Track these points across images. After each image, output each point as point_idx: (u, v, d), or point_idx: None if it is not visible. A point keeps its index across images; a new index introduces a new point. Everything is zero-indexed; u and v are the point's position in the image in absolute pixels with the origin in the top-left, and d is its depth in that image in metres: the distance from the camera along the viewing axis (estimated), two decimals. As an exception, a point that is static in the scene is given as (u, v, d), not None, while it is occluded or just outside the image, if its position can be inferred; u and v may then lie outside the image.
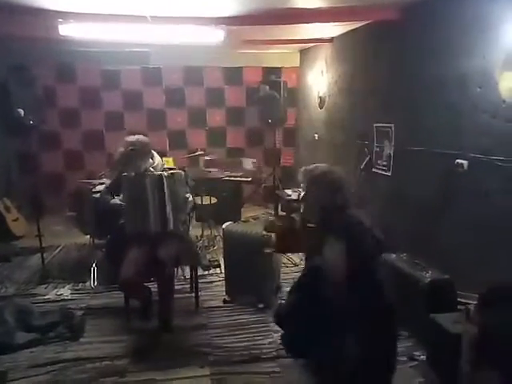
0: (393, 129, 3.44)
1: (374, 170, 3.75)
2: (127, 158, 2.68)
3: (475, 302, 2.06)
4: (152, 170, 2.76)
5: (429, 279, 2.43)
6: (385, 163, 3.58)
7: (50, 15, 3.18)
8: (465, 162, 2.63)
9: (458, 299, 2.43)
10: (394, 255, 2.79)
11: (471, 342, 1.91)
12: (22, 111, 3.80)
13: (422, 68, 3.02)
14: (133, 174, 2.72)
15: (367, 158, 3.83)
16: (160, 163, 2.85)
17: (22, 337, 2.54)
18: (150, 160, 2.77)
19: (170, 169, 2.92)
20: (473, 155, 2.57)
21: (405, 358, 2.34)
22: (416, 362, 2.32)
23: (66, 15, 3.19)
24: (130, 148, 2.67)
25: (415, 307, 2.41)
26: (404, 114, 3.29)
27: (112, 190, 2.83)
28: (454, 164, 2.69)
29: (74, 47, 4.92)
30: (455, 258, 2.65)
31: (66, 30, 3.48)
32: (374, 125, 3.68)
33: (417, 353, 2.37)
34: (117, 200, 2.74)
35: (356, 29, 3.93)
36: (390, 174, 3.51)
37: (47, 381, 2.24)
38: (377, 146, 3.69)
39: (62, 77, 5.43)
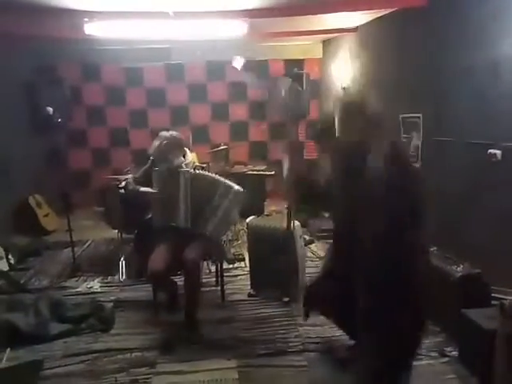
0: (421, 119, 3.34)
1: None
2: (161, 152, 2.71)
3: (511, 297, 1.99)
4: (184, 166, 2.78)
5: (460, 273, 2.36)
6: (413, 154, 3.49)
7: (75, 15, 3.25)
8: (498, 152, 2.53)
9: (493, 294, 2.35)
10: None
11: (506, 339, 1.85)
12: (50, 110, 3.91)
13: (451, 56, 2.91)
14: (165, 168, 2.75)
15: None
16: (192, 161, 2.87)
17: (56, 327, 2.63)
18: (182, 157, 2.80)
19: (201, 167, 2.93)
20: (507, 144, 2.46)
21: (436, 354, 2.29)
22: (447, 359, 2.26)
23: (90, 14, 3.25)
24: (165, 142, 2.70)
25: (446, 302, 2.34)
26: (432, 104, 3.19)
27: (139, 182, 2.86)
28: (486, 154, 2.59)
29: (98, 46, 5.03)
30: (488, 252, 2.56)
31: (91, 29, 3.55)
32: (401, 115, 3.59)
33: (448, 349, 2.31)
34: (147, 188, 2.76)
35: (381, 17, 3.82)
36: (418, 166, 3.42)
37: (81, 370, 2.32)
38: (404, 137, 3.60)
39: (87, 76, 5.56)
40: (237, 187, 2.74)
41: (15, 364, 2.36)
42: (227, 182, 2.77)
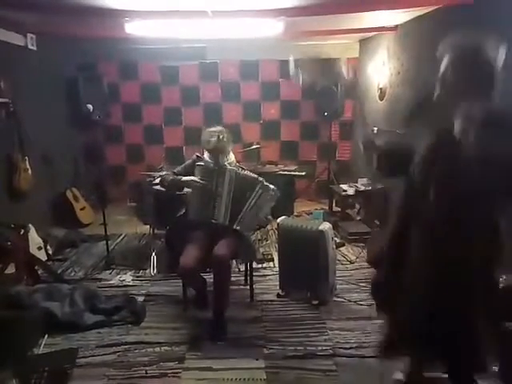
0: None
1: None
2: (220, 147, 2.72)
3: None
4: (227, 165, 2.79)
5: (503, 284, 2.23)
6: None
7: (117, 14, 3.34)
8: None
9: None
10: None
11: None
12: (91, 106, 4.05)
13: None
14: (211, 165, 2.76)
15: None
16: (234, 160, 2.88)
17: (91, 318, 2.71)
18: (226, 156, 2.81)
19: (242, 167, 2.94)
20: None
21: (473, 368, 2.19)
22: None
23: (131, 13, 3.33)
24: (223, 137, 2.72)
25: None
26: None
27: (181, 175, 2.84)
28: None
29: (137, 45, 5.15)
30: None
31: (132, 28, 3.63)
32: (441, 117, 3.45)
33: (487, 363, 2.20)
34: (191, 176, 2.74)
35: (423, 15, 3.69)
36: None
37: (113, 360, 2.38)
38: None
39: (124, 74, 5.70)
40: (272, 186, 2.78)
41: (52, 351, 2.45)
42: (264, 180, 2.79)
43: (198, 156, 2.88)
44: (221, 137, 2.71)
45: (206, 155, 2.83)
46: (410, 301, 1.69)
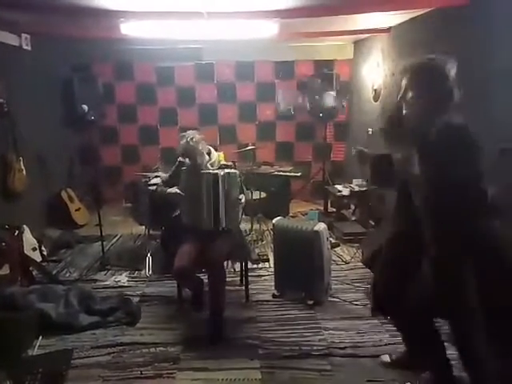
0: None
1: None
2: (187, 150, 2.75)
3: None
4: (209, 166, 2.81)
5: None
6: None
7: (112, 15, 3.33)
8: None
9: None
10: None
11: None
12: (86, 107, 4.03)
13: (494, 58, 2.79)
14: (191, 168, 2.79)
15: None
16: (217, 159, 2.89)
17: (86, 319, 2.71)
18: (207, 156, 2.83)
19: (226, 165, 2.95)
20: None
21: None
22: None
23: (127, 14, 3.33)
24: (189, 141, 2.73)
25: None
26: (470, 107, 3.06)
27: (168, 184, 2.91)
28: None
29: (132, 46, 5.15)
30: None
31: (127, 28, 3.62)
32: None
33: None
34: (174, 189, 2.80)
35: (416, 17, 3.72)
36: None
37: (108, 361, 2.37)
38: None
39: (120, 74, 5.69)
40: (229, 170, 2.76)
41: (47, 352, 2.44)
42: (221, 171, 2.76)
43: (179, 161, 2.91)
44: (189, 139, 2.73)
45: (187, 159, 2.86)
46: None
